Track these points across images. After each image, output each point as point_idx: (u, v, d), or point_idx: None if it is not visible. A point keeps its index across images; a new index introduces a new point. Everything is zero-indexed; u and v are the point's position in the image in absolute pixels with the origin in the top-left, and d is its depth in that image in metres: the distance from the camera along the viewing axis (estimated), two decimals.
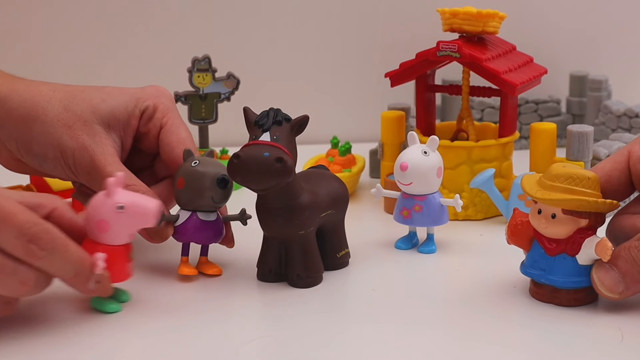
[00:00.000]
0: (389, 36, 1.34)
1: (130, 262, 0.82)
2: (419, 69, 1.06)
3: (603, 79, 1.29)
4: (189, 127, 1.15)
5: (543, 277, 0.82)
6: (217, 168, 0.87)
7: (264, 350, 0.78)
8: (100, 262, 0.78)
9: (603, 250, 0.79)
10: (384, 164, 1.11)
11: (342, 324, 0.82)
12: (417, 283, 0.90)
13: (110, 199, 0.79)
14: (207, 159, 0.88)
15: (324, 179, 0.91)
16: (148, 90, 0.93)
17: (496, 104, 1.28)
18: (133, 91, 0.93)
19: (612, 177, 0.85)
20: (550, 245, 0.82)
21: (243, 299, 0.86)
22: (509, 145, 1.06)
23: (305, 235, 0.87)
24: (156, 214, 0.79)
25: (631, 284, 0.80)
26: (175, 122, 0.92)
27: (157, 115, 0.92)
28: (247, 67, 1.28)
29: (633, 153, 0.85)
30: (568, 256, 0.81)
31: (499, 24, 1.05)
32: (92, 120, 0.89)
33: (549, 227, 0.81)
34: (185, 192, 0.87)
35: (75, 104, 0.90)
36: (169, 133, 0.91)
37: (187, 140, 0.92)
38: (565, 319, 0.81)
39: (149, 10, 1.32)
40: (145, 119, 0.92)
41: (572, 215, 0.80)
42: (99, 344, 0.78)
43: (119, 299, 0.84)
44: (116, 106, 0.91)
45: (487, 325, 0.81)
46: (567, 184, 0.80)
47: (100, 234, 0.80)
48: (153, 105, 0.92)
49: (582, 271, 0.82)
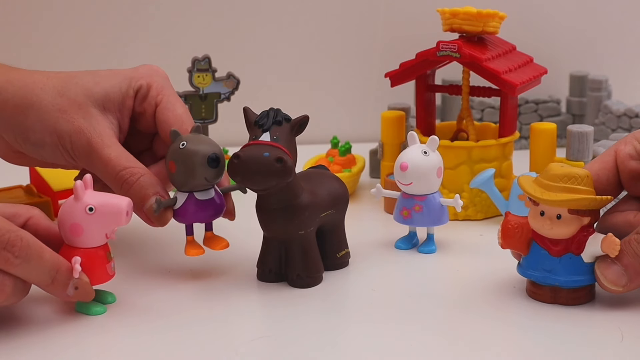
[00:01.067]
0: (389, 36, 1.34)
1: (110, 263, 0.82)
2: (419, 69, 1.06)
3: (603, 79, 1.29)
4: None
5: (548, 279, 0.82)
6: (206, 146, 0.85)
7: (264, 350, 0.78)
8: (76, 265, 0.78)
9: (610, 246, 0.80)
10: (384, 164, 1.11)
11: (342, 324, 0.83)
12: (417, 283, 0.90)
13: (80, 202, 0.79)
14: (195, 137, 0.86)
15: (324, 179, 0.91)
16: (141, 69, 0.93)
17: (496, 104, 1.28)
18: (126, 72, 0.93)
19: (600, 177, 0.85)
20: (555, 246, 0.82)
21: (243, 299, 0.86)
22: (509, 145, 1.06)
23: (305, 235, 0.87)
24: (127, 210, 0.79)
25: (634, 277, 0.81)
26: (171, 99, 0.91)
27: (152, 93, 0.91)
28: (247, 67, 1.28)
29: (620, 152, 0.86)
30: (574, 255, 0.82)
31: (499, 24, 1.05)
32: (87, 103, 0.89)
33: (554, 228, 0.81)
34: (178, 175, 0.86)
35: (69, 89, 0.89)
36: (165, 110, 0.91)
37: (184, 116, 0.91)
38: (565, 319, 0.81)
39: (149, 10, 1.32)
40: (140, 99, 0.91)
41: (577, 214, 0.80)
42: (93, 345, 0.78)
43: (103, 300, 0.83)
44: (110, 88, 0.91)
45: (486, 325, 0.81)
46: (570, 184, 0.80)
47: (75, 238, 0.79)
48: (147, 84, 0.92)
49: (587, 270, 0.82)
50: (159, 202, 0.85)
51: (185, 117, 0.91)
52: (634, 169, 0.85)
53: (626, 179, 0.86)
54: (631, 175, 0.85)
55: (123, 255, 0.94)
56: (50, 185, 1.06)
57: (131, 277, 0.90)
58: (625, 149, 0.86)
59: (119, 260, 0.86)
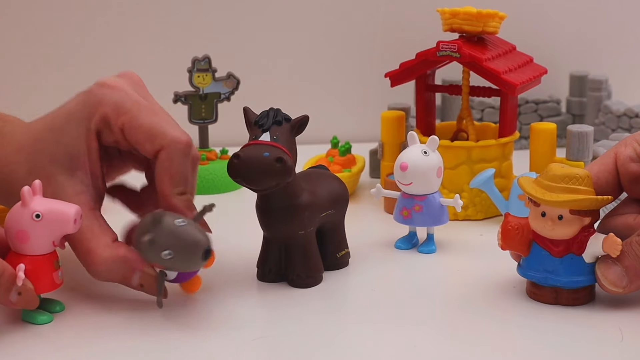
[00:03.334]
0: (389, 36, 1.34)
1: (57, 271, 0.80)
2: (419, 69, 1.06)
3: (603, 79, 1.29)
4: (189, 128, 1.15)
5: (550, 280, 0.82)
6: (190, 244, 0.77)
7: (264, 350, 0.78)
8: (20, 273, 0.77)
9: (612, 246, 0.80)
10: (384, 164, 1.11)
11: (342, 324, 0.83)
12: (417, 283, 0.90)
13: (27, 208, 0.78)
14: (169, 237, 0.77)
15: (324, 179, 0.91)
16: (90, 100, 0.85)
17: (496, 104, 1.28)
18: (79, 113, 0.85)
19: (600, 179, 0.85)
20: (556, 247, 0.82)
21: (243, 299, 0.86)
22: (509, 145, 1.06)
23: (305, 235, 0.87)
24: (75, 217, 0.77)
25: (634, 278, 0.81)
26: (132, 116, 0.84)
27: (112, 122, 0.84)
28: (247, 67, 1.28)
29: (620, 154, 0.86)
30: (575, 256, 0.82)
31: (499, 24, 1.05)
32: (54, 172, 0.85)
33: (556, 228, 0.81)
34: (170, 270, 0.81)
35: (36, 162, 0.85)
36: (132, 132, 0.84)
37: (152, 127, 0.84)
38: (565, 319, 0.81)
39: (149, 10, 1.32)
40: (105, 133, 0.85)
41: (578, 214, 0.81)
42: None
43: (51, 309, 0.82)
44: (70, 143, 0.85)
45: (486, 326, 0.81)
46: (571, 184, 0.80)
47: (21, 244, 0.78)
48: (101, 118, 0.85)
49: (588, 270, 0.82)
50: (159, 303, 0.81)
51: (155, 126, 0.83)
52: (634, 171, 0.85)
53: (626, 182, 0.86)
54: (631, 177, 0.85)
55: None
56: None
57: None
58: (625, 151, 0.86)
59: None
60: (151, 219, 0.78)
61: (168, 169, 0.83)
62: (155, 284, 0.82)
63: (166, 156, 0.83)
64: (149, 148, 0.83)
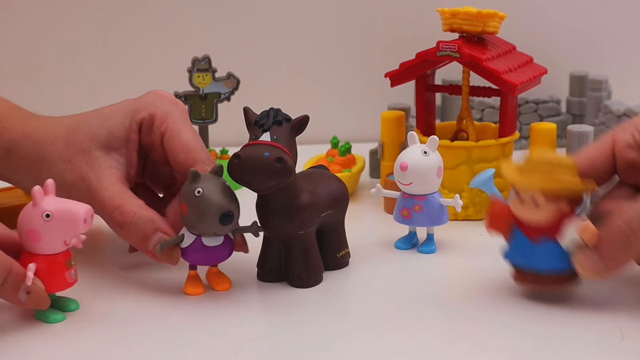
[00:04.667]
0: (389, 36, 1.34)
1: (70, 270, 0.81)
2: (419, 69, 1.06)
3: (603, 79, 1.29)
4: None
5: (528, 264, 0.83)
6: (221, 200, 0.82)
7: (264, 350, 0.78)
8: (29, 272, 0.78)
9: (587, 233, 0.80)
10: (384, 164, 1.11)
11: (342, 324, 0.83)
12: (417, 283, 0.90)
13: (38, 208, 0.78)
14: (213, 185, 0.82)
15: (324, 179, 0.91)
16: (144, 99, 0.92)
17: (496, 104, 1.28)
18: (129, 105, 0.92)
19: (596, 164, 0.85)
20: (533, 232, 0.82)
21: (243, 299, 0.86)
22: (509, 145, 1.06)
23: (305, 235, 0.87)
24: (85, 217, 0.78)
25: (611, 265, 0.80)
26: (176, 126, 0.90)
27: (156, 123, 0.90)
28: (247, 67, 1.28)
29: (618, 139, 0.85)
30: (552, 241, 0.82)
31: (499, 24, 1.05)
32: (91, 147, 0.90)
33: (532, 212, 0.81)
34: (189, 219, 0.83)
35: (75, 136, 0.90)
36: (170, 140, 0.89)
37: (191, 142, 0.89)
38: (565, 319, 0.81)
39: (149, 10, 1.32)
40: (145, 131, 0.91)
41: (553, 199, 0.81)
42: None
43: (65, 308, 0.82)
44: (113, 126, 0.90)
45: (487, 325, 0.81)
46: (545, 169, 0.81)
47: (33, 244, 0.79)
48: (149, 115, 0.90)
49: (566, 255, 0.82)
50: (162, 244, 0.84)
51: (193, 143, 0.89)
52: (632, 159, 0.85)
53: (622, 168, 0.85)
54: (628, 164, 0.85)
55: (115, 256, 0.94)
56: None
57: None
58: (624, 137, 0.85)
59: (111, 262, 0.86)
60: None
61: None
62: (171, 246, 0.85)
63: (201, 169, 0.86)
64: (182, 159, 0.88)
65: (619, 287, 0.87)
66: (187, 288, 0.86)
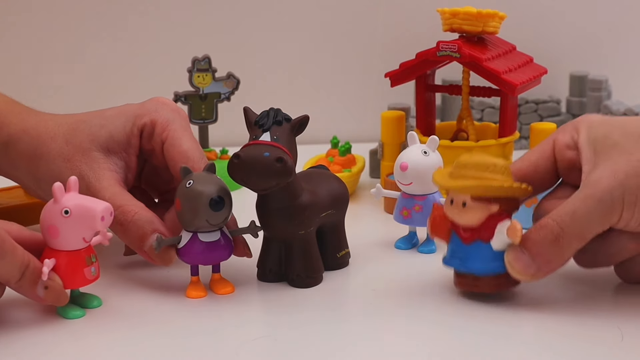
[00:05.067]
0: (389, 36, 1.34)
1: (90, 267, 0.81)
2: (419, 69, 1.06)
3: (603, 79, 1.29)
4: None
5: (462, 266, 0.83)
6: (212, 187, 0.83)
7: (264, 350, 0.78)
8: (44, 268, 0.78)
9: (513, 232, 0.80)
10: (384, 164, 1.11)
11: (342, 324, 0.82)
12: (417, 283, 0.90)
13: (58, 204, 0.79)
14: (203, 177, 0.84)
15: (324, 179, 0.91)
16: (147, 105, 0.92)
17: (496, 104, 1.28)
18: (132, 109, 0.92)
19: (538, 166, 0.86)
20: (465, 234, 0.83)
21: (243, 299, 0.86)
22: (509, 145, 1.06)
23: (305, 235, 0.87)
24: (102, 215, 0.78)
25: (543, 265, 0.81)
26: (177, 134, 0.90)
27: (157, 130, 0.91)
28: (247, 67, 1.28)
29: (558, 141, 0.86)
30: (482, 243, 0.82)
31: (499, 24, 1.05)
32: (91, 148, 0.90)
33: (461, 215, 0.82)
34: (182, 214, 0.84)
35: (76, 136, 0.91)
36: (170, 148, 0.90)
37: (190, 151, 0.89)
38: (564, 319, 0.81)
39: (149, 10, 1.32)
40: (146, 137, 0.91)
41: (481, 201, 0.81)
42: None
43: (88, 304, 0.83)
44: (114, 129, 0.91)
45: (487, 325, 0.81)
46: (474, 171, 0.81)
47: (52, 239, 0.80)
48: (151, 121, 0.91)
49: (499, 256, 0.82)
50: (160, 241, 0.84)
51: (192, 152, 0.90)
52: (570, 158, 0.85)
53: (562, 168, 0.86)
54: (567, 165, 0.85)
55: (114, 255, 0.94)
56: None
57: (122, 277, 0.90)
58: (563, 138, 0.86)
59: (117, 261, 0.86)
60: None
61: None
62: (167, 247, 0.85)
63: None
64: (180, 167, 0.88)
65: (619, 287, 0.87)
66: (190, 292, 0.86)
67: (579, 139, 0.85)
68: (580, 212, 0.80)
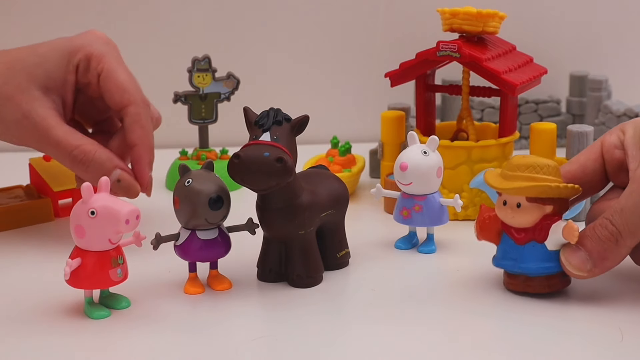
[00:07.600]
0: (389, 36, 1.34)
1: (115, 269, 0.81)
2: (419, 69, 1.06)
3: (603, 79, 1.29)
4: (189, 128, 1.15)
5: (515, 267, 0.84)
6: (210, 186, 0.84)
7: (264, 350, 0.78)
8: (67, 268, 0.79)
9: (570, 232, 0.81)
10: (384, 164, 1.11)
11: (342, 324, 0.83)
12: (417, 283, 0.90)
13: (85, 205, 0.79)
14: (202, 175, 0.85)
15: (324, 179, 0.91)
16: (80, 39, 0.95)
17: (496, 104, 1.28)
18: (65, 44, 0.94)
19: (586, 168, 0.87)
20: (518, 234, 0.83)
21: (243, 298, 0.86)
22: (509, 145, 1.06)
23: (305, 235, 0.87)
24: (127, 218, 0.79)
25: (598, 262, 0.82)
26: (112, 67, 0.93)
27: (92, 64, 0.93)
28: (247, 67, 1.28)
29: (605, 142, 0.87)
30: (537, 243, 0.83)
31: (499, 24, 1.05)
32: (30, 87, 0.92)
33: (515, 216, 0.82)
34: (181, 212, 0.85)
35: (14, 76, 0.93)
36: (106, 80, 0.93)
37: (126, 83, 0.93)
38: (565, 319, 0.81)
39: (149, 10, 1.32)
40: (82, 71, 0.94)
41: (536, 202, 0.82)
42: (92, 345, 0.78)
43: (116, 305, 0.83)
44: (50, 67, 0.93)
45: (487, 326, 0.81)
46: (528, 173, 0.82)
47: (79, 239, 0.80)
48: (85, 55, 0.93)
49: (553, 257, 0.83)
50: (158, 238, 0.84)
51: (128, 84, 0.93)
52: (618, 158, 0.86)
53: (611, 170, 0.87)
54: (615, 165, 0.87)
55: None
56: (50, 186, 1.06)
57: (122, 282, 0.90)
58: (610, 139, 0.87)
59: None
60: None
61: (138, 121, 0.93)
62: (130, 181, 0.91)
63: (135, 110, 0.92)
64: (117, 99, 0.93)
65: (619, 286, 0.87)
66: (187, 288, 0.87)
67: (625, 139, 0.86)
68: (628, 208, 0.81)
